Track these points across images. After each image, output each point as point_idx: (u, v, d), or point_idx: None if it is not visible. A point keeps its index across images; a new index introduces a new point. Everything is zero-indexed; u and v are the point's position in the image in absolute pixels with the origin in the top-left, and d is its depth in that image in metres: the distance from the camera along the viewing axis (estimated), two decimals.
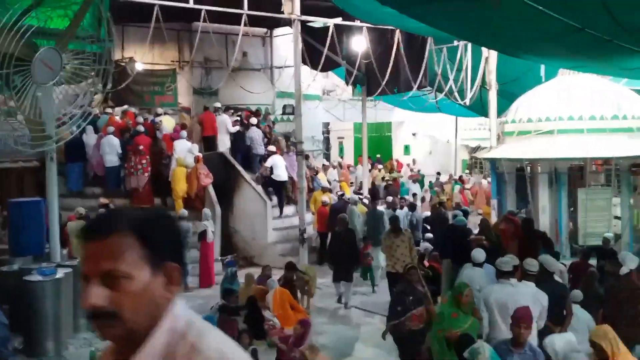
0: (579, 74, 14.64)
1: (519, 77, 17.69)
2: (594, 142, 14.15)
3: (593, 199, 14.61)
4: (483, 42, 12.27)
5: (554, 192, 15.07)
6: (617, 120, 14.47)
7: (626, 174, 15.02)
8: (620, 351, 5.20)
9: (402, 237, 11.04)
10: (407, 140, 32.65)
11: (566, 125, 14.53)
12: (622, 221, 14.96)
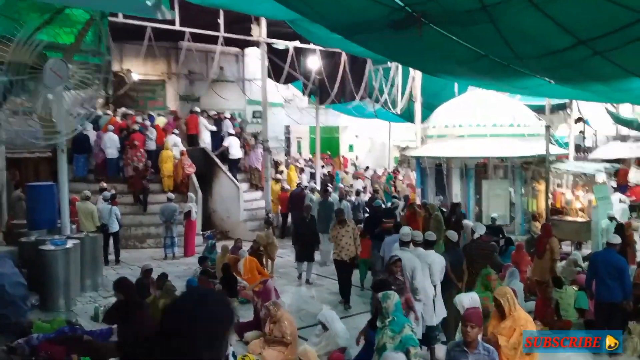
0: (484, 91, 14.91)
1: (438, 91, 17.89)
2: (495, 145, 14.44)
3: (494, 189, 14.90)
4: (410, 64, 12.37)
5: (464, 183, 15.32)
6: (512, 128, 14.79)
7: (519, 169, 15.36)
8: (515, 308, 5.17)
9: (346, 228, 9.95)
10: (352, 141, 32.81)
11: (474, 130, 14.79)
12: (516, 206, 15.34)
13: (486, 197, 14.77)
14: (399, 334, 5.17)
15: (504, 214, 14.57)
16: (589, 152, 22.42)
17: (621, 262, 7.60)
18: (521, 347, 4.92)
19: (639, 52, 4.87)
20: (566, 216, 15.36)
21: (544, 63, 5.69)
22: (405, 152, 21.84)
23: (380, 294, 5.50)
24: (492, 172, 15.56)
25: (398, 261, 6.68)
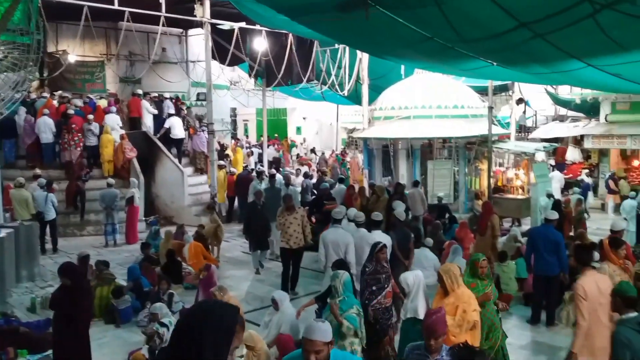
0: (430, 73, 15.15)
1: (385, 74, 18.07)
2: (440, 126, 14.76)
3: (439, 169, 15.25)
4: (357, 46, 12.41)
5: (410, 163, 15.61)
6: (456, 109, 15.14)
7: (462, 149, 15.79)
8: (458, 285, 5.19)
9: (295, 215, 9.30)
10: (299, 123, 32.79)
11: (419, 112, 15.05)
12: (460, 185, 15.78)
13: (431, 177, 15.11)
14: (345, 312, 5.31)
15: (449, 193, 14.97)
16: (529, 132, 23.26)
17: (558, 236, 7.94)
18: (465, 324, 5.00)
19: (576, 35, 5.06)
20: (507, 194, 15.94)
21: (487, 45, 5.82)
22: (353, 134, 22.04)
23: (333, 272, 5.59)
24: (437, 153, 15.91)
25: (384, 247, 6.38)
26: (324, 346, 3.09)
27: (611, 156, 19.38)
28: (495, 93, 18.19)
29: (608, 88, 10.88)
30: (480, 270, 5.68)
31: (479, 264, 5.68)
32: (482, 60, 6.85)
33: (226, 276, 10.53)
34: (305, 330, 3.18)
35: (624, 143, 18.01)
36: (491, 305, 5.69)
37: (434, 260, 9.27)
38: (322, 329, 3.13)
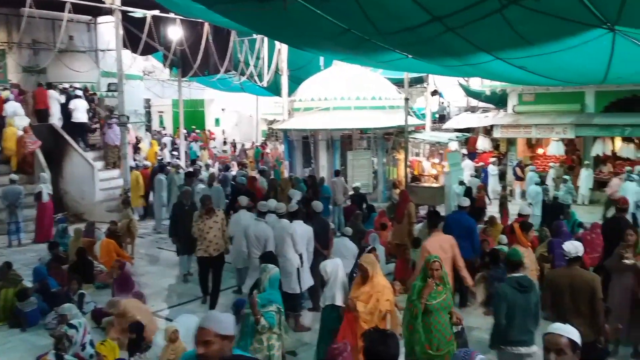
0: (348, 65, 15.35)
1: (304, 65, 18.13)
2: (359, 117, 15.03)
3: (358, 159, 15.55)
4: (275, 37, 12.35)
5: (330, 154, 15.80)
6: (374, 100, 15.48)
7: (381, 140, 16.18)
8: (376, 274, 5.33)
9: (215, 218, 8.19)
10: (218, 115, 32.27)
11: (339, 103, 15.25)
12: (378, 175, 16.18)
13: (351, 167, 15.39)
14: (263, 309, 5.19)
15: (368, 183, 15.31)
16: (443, 122, 24.19)
17: (471, 222, 8.37)
18: (377, 313, 5.12)
19: (485, 29, 5.30)
20: (423, 182, 16.52)
21: (403, 38, 5.97)
22: (273, 125, 21.97)
23: (264, 265, 5.50)
24: (356, 143, 16.19)
25: (372, 251, 6.03)
26: (215, 338, 2.65)
27: (518, 145, 20.55)
28: (411, 85, 18.78)
29: (514, 80, 11.50)
30: (431, 272, 5.09)
31: (430, 265, 5.12)
32: (398, 52, 7.03)
33: (142, 273, 10.22)
34: (201, 319, 2.83)
35: (529, 132, 19.13)
36: (444, 315, 5.09)
37: (353, 250, 9.43)
38: (217, 319, 2.74)
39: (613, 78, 7.74)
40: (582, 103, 18.50)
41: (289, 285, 7.34)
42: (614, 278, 6.20)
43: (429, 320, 4.95)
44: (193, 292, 9.09)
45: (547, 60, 6.16)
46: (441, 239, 6.95)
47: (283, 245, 7.44)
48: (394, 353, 2.69)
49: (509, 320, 4.89)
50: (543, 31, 5.25)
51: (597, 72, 6.97)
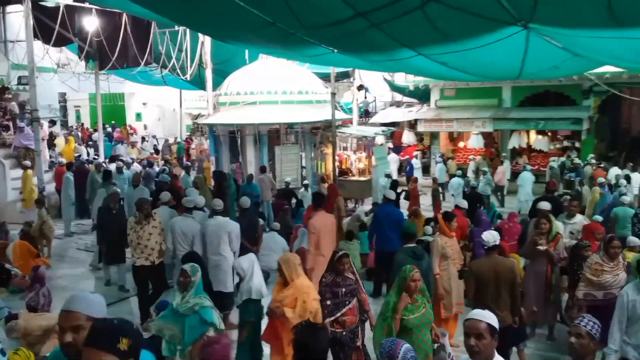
0: (274, 58, 15.29)
1: (229, 58, 17.86)
2: (286, 111, 15.02)
3: (286, 154, 15.55)
4: (197, 29, 12.07)
5: (258, 149, 15.70)
6: (301, 95, 15.51)
7: (308, 134, 16.25)
8: (297, 275, 5.14)
9: (154, 223, 7.66)
10: (139, 109, 31.28)
11: (265, 97, 15.16)
12: (306, 169, 16.26)
13: (279, 162, 15.36)
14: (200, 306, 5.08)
15: (296, 177, 15.35)
16: (370, 116, 24.64)
17: (399, 214, 8.65)
18: (307, 314, 4.93)
19: (407, 25, 5.44)
20: (351, 176, 16.78)
21: (328, 33, 6.02)
22: (198, 120, 21.54)
23: (189, 266, 5.20)
24: (284, 138, 16.18)
25: (344, 257, 5.39)
26: (87, 322, 2.21)
27: (441, 139, 21.30)
28: (337, 79, 18.95)
29: (436, 75, 11.90)
30: (412, 284, 4.73)
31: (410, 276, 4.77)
32: (324, 47, 7.07)
33: (59, 276, 9.82)
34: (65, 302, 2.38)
35: (451, 126, 19.89)
36: (426, 332, 4.90)
37: (282, 244, 9.50)
38: (86, 299, 2.34)
39: (527, 74, 8.16)
40: (499, 98, 19.43)
41: (225, 284, 7.25)
42: (529, 264, 6.56)
43: (410, 340, 4.38)
44: (113, 293, 8.81)
45: (466, 56, 6.41)
46: (325, 218, 7.96)
47: (219, 243, 7.30)
48: (324, 346, 2.72)
49: None
50: (461, 28, 5.46)
51: (512, 68, 7.32)
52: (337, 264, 5.37)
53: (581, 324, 3.23)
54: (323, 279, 5.44)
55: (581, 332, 3.19)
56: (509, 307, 5.29)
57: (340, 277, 5.35)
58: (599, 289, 5.67)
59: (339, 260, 5.37)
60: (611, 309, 5.01)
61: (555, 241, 6.62)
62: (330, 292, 5.30)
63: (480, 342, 2.92)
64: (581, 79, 16.89)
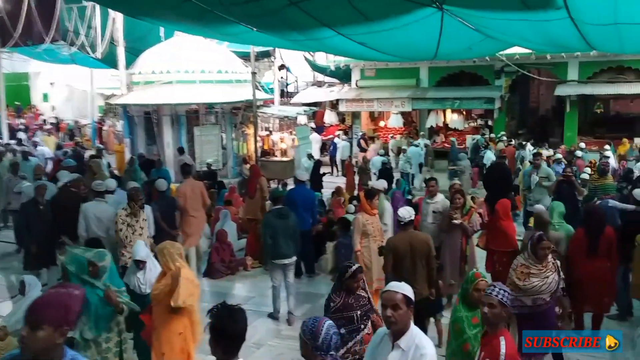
0: (191, 36, 14.87)
1: (143, 36, 17.21)
2: (205, 91, 14.73)
3: (206, 135, 15.30)
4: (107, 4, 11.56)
5: (175, 130, 15.34)
6: (220, 74, 15.27)
7: (229, 115, 16.06)
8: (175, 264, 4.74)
9: (144, 216, 7.12)
10: (46, 89, 29.56)
11: (182, 77, 14.80)
12: (227, 151, 16.08)
13: (199, 143, 15.10)
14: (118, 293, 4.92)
15: (217, 159, 15.17)
16: (291, 96, 24.62)
17: (312, 194, 8.97)
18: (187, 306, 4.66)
19: (327, 4, 5.50)
20: (273, 157, 16.78)
21: (246, 10, 5.95)
22: (111, 100, 20.67)
23: (92, 253, 4.93)
24: (203, 118, 15.90)
25: (359, 272, 4.42)
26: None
27: (362, 118, 21.68)
28: (257, 59, 18.79)
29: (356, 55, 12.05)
30: (478, 295, 4.03)
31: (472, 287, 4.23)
32: (243, 25, 6.99)
33: None
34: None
35: (371, 106, 20.28)
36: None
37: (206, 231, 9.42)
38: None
39: (443, 55, 8.47)
40: (417, 78, 20.01)
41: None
42: (445, 238, 6.89)
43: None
44: None
45: (384, 37, 6.56)
46: (193, 184, 8.66)
47: None
48: (242, 327, 2.72)
49: (274, 240, 6.78)
50: (379, 8, 5.58)
51: (428, 49, 7.58)
52: (349, 281, 4.38)
53: (492, 293, 3.43)
54: (331, 303, 4.38)
55: (493, 301, 3.39)
56: (425, 279, 5.55)
57: (352, 297, 4.39)
58: (527, 294, 4.93)
59: (352, 276, 4.36)
60: (542, 316, 4.86)
61: (469, 215, 6.99)
62: (342, 317, 4.30)
63: (396, 313, 3.07)
64: (493, 60, 17.71)
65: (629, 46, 7.44)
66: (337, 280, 4.56)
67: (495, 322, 3.41)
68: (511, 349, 3.34)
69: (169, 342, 4.73)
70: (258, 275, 8.74)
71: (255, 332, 6.56)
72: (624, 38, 6.31)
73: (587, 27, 5.68)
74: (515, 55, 16.35)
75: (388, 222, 7.41)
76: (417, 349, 3.07)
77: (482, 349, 3.48)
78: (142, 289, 5.40)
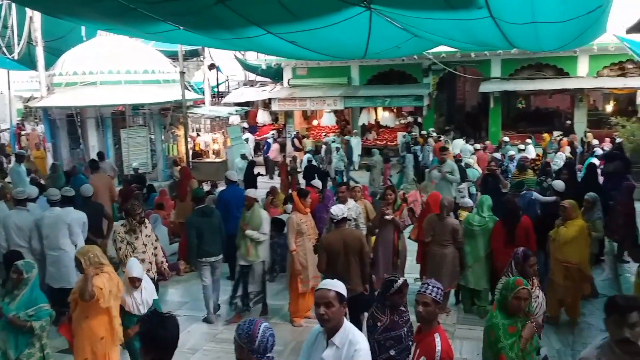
0: (116, 36, 14.42)
1: (63, 35, 16.45)
2: (131, 92, 14.30)
3: (134, 137, 14.86)
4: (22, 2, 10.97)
5: (101, 133, 14.81)
6: (147, 74, 14.87)
7: (157, 116, 15.66)
8: (103, 266, 4.68)
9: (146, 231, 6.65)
10: None
11: (107, 77, 14.33)
12: (157, 153, 15.69)
13: (126, 146, 14.65)
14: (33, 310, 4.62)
15: (146, 162, 14.77)
16: (223, 96, 24.32)
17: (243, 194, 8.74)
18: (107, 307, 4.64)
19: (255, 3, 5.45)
20: (205, 158, 16.52)
21: (171, 8, 5.80)
22: (30, 103, 19.67)
23: (23, 262, 4.74)
24: (130, 120, 15.43)
25: (405, 287, 4.03)
26: None
27: (295, 117, 21.71)
28: (186, 58, 18.42)
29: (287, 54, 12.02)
30: (514, 304, 3.85)
31: (512, 296, 3.85)
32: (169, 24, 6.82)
33: None
34: None
35: (304, 105, 20.35)
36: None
37: None
38: None
39: (372, 53, 8.60)
40: (348, 77, 20.27)
41: (67, 279, 6.73)
42: (378, 233, 7.00)
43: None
44: None
45: (314, 35, 6.59)
46: (101, 178, 9.47)
47: (58, 236, 6.76)
48: (173, 334, 2.66)
49: (199, 239, 6.78)
50: (309, 7, 5.60)
51: (358, 47, 7.68)
52: (395, 297, 4.01)
53: (427, 292, 3.48)
54: (377, 322, 4.03)
55: (427, 300, 3.45)
56: (359, 275, 5.61)
57: (396, 315, 4.06)
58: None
59: (398, 291, 3.99)
60: None
61: (400, 210, 7.16)
62: (390, 338, 4.00)
63: (329, 310, 3.08)
64: (421, 58, 18.20)
65: (546, 44, 7.84)
66: (379, 296, 4.19)
67: (429, 320, 3.47)
68: (446, 345, 3.42)
69: (91, 348, 4.67)
70: (191, 279, 8.54)
71: (190, 337, 6.49)
72: (540, 36, 6.64)
73: (507, 26, 5.93)
74: (441, 54, 16.86)
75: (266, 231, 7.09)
76: (350, 345, 3.09)
77: (417, 346, 3.52)
78: (140, 309, 5.08)
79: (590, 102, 19.88)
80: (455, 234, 6.72)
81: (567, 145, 14.88)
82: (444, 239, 6.75)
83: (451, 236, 6.73)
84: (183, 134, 14.95)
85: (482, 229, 6.80)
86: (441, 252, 6.78)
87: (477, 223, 6.86)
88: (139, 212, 6.30)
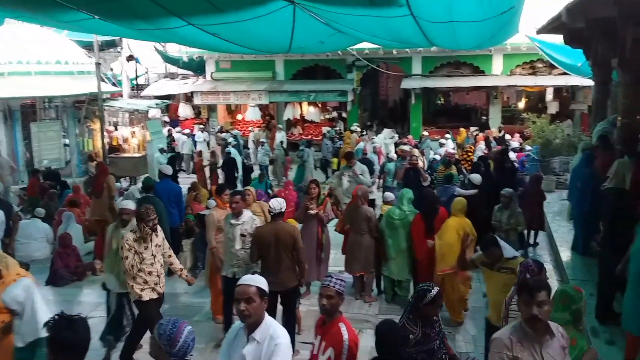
0: (25, 24, 13.55)
1: None
2: (42, 83, 13.59)
3: (45, 131, 14.15)
4: None
5: (9, 127, 13.99)
6: (60, 65, 14.18)
7: (71, 109, 14.98)
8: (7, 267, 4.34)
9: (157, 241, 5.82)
10: None
11: (15, 68, 13.55)
12: (71, 147, 15.01)
13: (37, 141, 13.92)
14: None
15: (59, 157, 14.11)
16: (142, 89, 23.57)
17: (178, 189, 8.70)
18: None
19: None
20: (124, 153, 15.96)
21: None
22: None
23: None
24: (41, 113, 14.65)
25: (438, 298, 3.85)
26: None
27: (219, 111, 21.41)
28: (102, 49, 17.73)
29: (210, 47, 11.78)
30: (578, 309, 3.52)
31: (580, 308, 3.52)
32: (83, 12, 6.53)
33: None
34: None
35: (228, 99, 20.11)
36: None
37: (46, 231, 8.77)
38: None
39: (297, 48, 8.61)
40: (273, 71, 20.22)
41: None
42: (303, 227, 7.06)
43: None
44: None
45: (237, 28, 6.51)
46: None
47: None
48: (83, 337, 2.55)
49: None
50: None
51: (282, 41, 7.67)
52: (429, 308, 3.79)
53: (330, 284, 3.53)
54: (409, 335, 3.71)
55: (331, 292, 3.50)
56: (292, 269, 5.63)
57: (428, 326, 3.81)
58: None
59: (432, 302, 3.77)
60: None
61: (323, 204, 7.27)
62: (422, 351, 3.76)
63: (250, 306, 3.06)
64: (345, 54, 18.44)
65: (463, 42, 8.16)
66: (411, 306, 3.90)
67: (333, 312, 3.52)
68: (352, 333, 3.48)
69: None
70: None
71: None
72: (458, 35, 6.90)
73: (426, 25, 6.12)
74: (365, 50, 17.17)
75: None
76: (271, 340, 3.08)
77: (323, 339, 3.53)
78: None
79: (504, 99, 20.93)
80: (369, 222, 7.03)
81: (482, 140, 15.56)
82: (361, 227, 7.09)
83: (366, 224, 7.04)
84: (99, 128, 14.38)
85: (402, 222, 7.03)
86: (357, 239, 7.13)
87: (397, 216, 7.08)
88: (151, 217, 5.43)
